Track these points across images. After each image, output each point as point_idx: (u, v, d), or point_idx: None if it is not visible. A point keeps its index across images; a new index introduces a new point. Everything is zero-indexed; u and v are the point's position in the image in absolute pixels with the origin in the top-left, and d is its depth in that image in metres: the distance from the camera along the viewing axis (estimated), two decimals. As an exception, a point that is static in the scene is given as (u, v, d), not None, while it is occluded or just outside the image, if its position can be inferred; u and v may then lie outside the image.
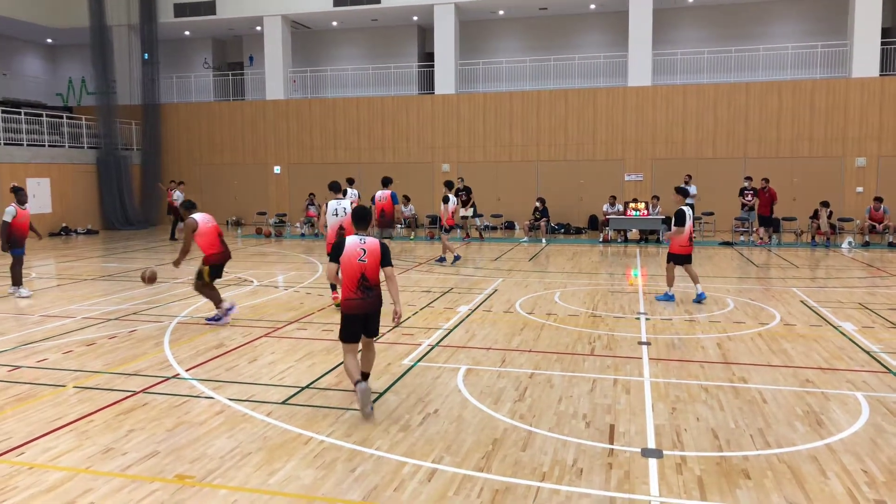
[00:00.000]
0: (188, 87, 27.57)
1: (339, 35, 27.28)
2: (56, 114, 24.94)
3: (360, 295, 5.77)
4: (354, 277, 5.74)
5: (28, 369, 7.06)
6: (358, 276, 5.75)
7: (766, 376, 6.73)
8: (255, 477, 4.57)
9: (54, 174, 22.60)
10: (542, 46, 25.19)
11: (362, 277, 5.76)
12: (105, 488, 4.41)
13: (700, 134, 22.08)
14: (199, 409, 5.84)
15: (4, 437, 5.24)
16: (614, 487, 4.40)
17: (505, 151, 23.58)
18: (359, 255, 5.75)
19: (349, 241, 5.82)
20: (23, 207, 11.37)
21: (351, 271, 5.75)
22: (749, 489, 4.38)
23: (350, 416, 5.64)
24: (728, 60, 22.93)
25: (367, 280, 5.77)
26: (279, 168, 25.52)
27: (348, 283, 5.76)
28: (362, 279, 5.76)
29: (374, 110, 24.57)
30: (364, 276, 5.76)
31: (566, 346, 7.92)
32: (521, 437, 5.23)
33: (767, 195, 17.96)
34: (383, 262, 5.83)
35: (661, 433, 5.28)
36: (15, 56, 28.57)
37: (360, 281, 5.75)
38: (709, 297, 10.81)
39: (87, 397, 6.17)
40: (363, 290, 5.77)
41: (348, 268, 5.75)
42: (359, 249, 5.77)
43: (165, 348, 7.86)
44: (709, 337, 8.34)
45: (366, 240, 5.83)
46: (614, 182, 22.50)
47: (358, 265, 5.74)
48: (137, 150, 26.08)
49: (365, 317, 5.82)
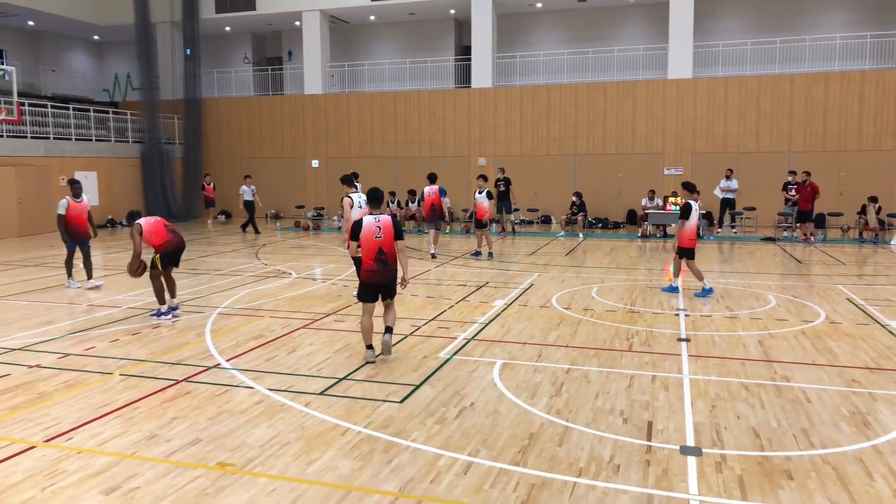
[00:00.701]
0: (228, 82, 28.02)
1: (377, 29, 27.39)
2: (103, 109, 25.61)
3: (377, 267, 6.78)
4: (373, 251, 6.74)
5: (77, 357, 7.29)
6: (376, 251, 6.75)
7: (809, 375, 6.57)
8: (294, 466, 4.64)
9: (101, 168, 23.23)
10: (580, 39, 24.92)
11: (379, 251, 6.76)
12: (150, 473, 4.53)
13: (742, 127, 21.61)
14: (239, 399, 5.96)
15: (54, 423, 5.42)
16: (652, 485, 4.35)
17: (542, 145, 23.41)
18: (375, 233, 6.76)
19: (366, 221, 6.82)
20: (77, 200, 11.27)
21: (369, 246, 6.74)
22: (792, 490, 4.29)
23: (387, 409, 5.69)
24: (772, 51, 22.36)
25: (383, 253, 6.77)
26: (317, 162, 25.79)
27: (367, 256, 6.75)
28: (379, 252, 6.76)
29: (411, 104, 24.63)
30: (381, 249, 6.77)
31: (603, 341, 7.85)
32: (558, 432, 5.20)
33: (809, 189, 17.42)
34: (397, 235, 6.82)
35: (701, 431, 5.20)
36: (64, 53, 29.41)
37: (377, 254, 6.75)
38: (750, 293, 10.60)
39: (133, 385, 6.35)
40: (380, 263, 6.77)
41: (367, 243, 6.76)
42: (374, 227, 6.78)
43: (207, 338, 8.03)
44: (750, 334, 8.17)
45: (379, 218, 6.85)
46: (653, 176, 22.18)
47: (375, 241, 6.75)
48: (180, 144, 26.65)
49: (380, 285, 6.85)
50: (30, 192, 20.53)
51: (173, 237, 9.14)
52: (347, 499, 4.18)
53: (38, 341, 7.94)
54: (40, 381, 6.47)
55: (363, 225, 6.83)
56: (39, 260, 15.05)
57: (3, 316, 9.35)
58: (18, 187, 20.13)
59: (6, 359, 7.22)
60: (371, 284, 6.85)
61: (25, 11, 24.49)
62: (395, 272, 6.89)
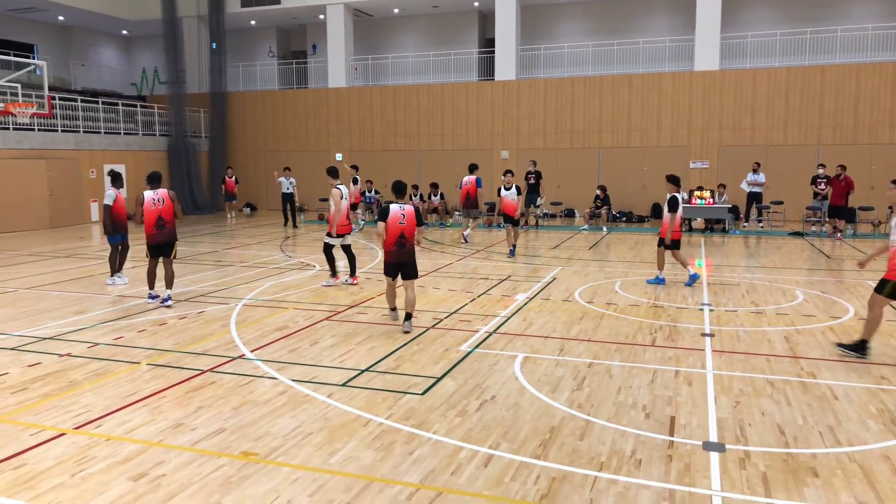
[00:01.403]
0: (253, 76, 28.24)
1: (401, 22, 27.39)
2: (131, 103, 25.97)
3: (396, 249, 7.79)
4: (395, 236, 7.73)
5: (105, 346, 7.43)
6: (398, 235, 7.73)
7: (837, 372, 6.47)
8: (317, 456, 4.69)
9: (129, 161, 23.58)
10: (605, 31, 24.67)
11: (401, 236, 7.75)
12: (176, 461, 4.61)
13: (770, 120, 21.25)
14: (263, 389, 6.03)
15: (84, 410, 5.55)
16: (674, 480, 4.33)
17: (566, 138, 23.26)
18: (399, 219, 7.74)
19: (392, 209, 7.76)
20: (121, 193, 11.10)
21: (393, 231, 7.71)
22: (817, 487, 4.24)
23: (408, 400, 5.72)
24: (802, 43, 21.93)
25: (404, 237, 7.77)
26: (340, 155, 25.91)
27: (390, 239, 7.73)
28: (401, 237, 7.75)
29: (434, 97, 24.62)
30: (403, 234, 7.75)
31: (626, 336, 7.80)
32: (579, 426, 5.19)
33: (843, 184, 17.01)
34: (418, 223, 7.88)
35: (724, 427, 5.15)
36: (93, 48, 29.87)
37: (398, 238, 7.75)
38: (776, 288, 10.45)
39: (159, 374, 6.46)
40: (399, 246, 7.79)
41: (392, 228, 7.72)
42: (399, 214, 7.75)
43: (232, 329, 8.13)
44: (776, 330, 8.06)
45: (404, 207, 7.81)
46: (679, 169, 21.82)
47: (399, 227, 7.73)
48: (205, 138, 26.94)
49: (399, 264, 7.86)
50: (60, 185, 20.92)
51: (157, 233, 9.57)
52: (369, 489, 4.22)
53: (69, 331, 8.11)
54: (71, 369, 6.62)
55: (390, 212, 7.72)
56: (70, 251, 15.35)
57: (35, 305, 9.56)
58: (49, 180, 20.52)
59: (38, 347, 7.39)
60: (391, 263, 7.87)
61: (56, 7, 24.92)
62: (413, 253, 7.89)
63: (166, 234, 9.64)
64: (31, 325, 8.38)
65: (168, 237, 9.67)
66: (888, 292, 6.70)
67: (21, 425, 5.23)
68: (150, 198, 9.65)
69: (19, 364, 6.80)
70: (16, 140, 19.78)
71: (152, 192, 9.73)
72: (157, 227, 9.57)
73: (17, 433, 5.08)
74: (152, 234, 9.59)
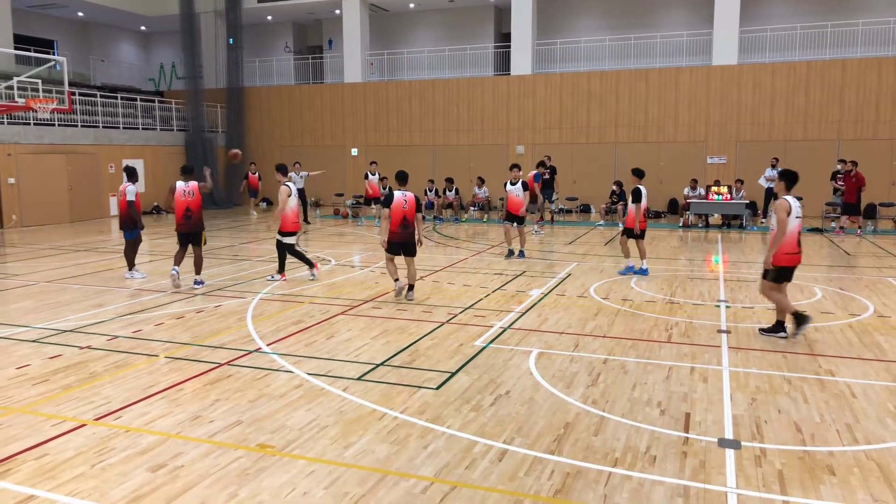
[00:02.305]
0: (270, 71, 28.37)
1: (416, 17, 27.37)
2: (149, 98, 26.21)
3: (400, 230, 9.08)
4: (399, 218, 9.05)
5: (124, 339, 7.53)
6: (401, 218, 9.05)
7: (856, 370, 6.41)
8: (332, 449, 4.73)
9: (147, 156, 23.81)
10: (622, 25, 24.49)
11: (404, 219, 9.07)
12: (193, 453, 4.67)
13: (790, 115, 21.00)
14: (279, 382, 6.09)
15: (104, 402, 5.63)
16: (689, 476, 4.32)
17: (582, 133, 23.15)
18: (402, 204, 9.06)
19: (397, 195, 9.06)
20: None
21: (397, 214, 9.03)
22: (833, 485, 4.21)
23: (423, 395, 5.75)
24: (822, 36, 21.64)
25: (406, 220, 9.07)
26: (356, 150, 25.98)
27: (395, 222, 9.02)
28: (404, 220, 9.07)
29: (450, 92, 24.59)
30: (405, 217, 9.07)
31: (642, 332, 7.77)
32: (594, 422, 5.19)
33: (854, 181, 16.77)
34: (417, 209, 9.12)
35: (740, 424, 5.13)
36: (112, 43, 30.17)
37: (402, 221, 9.06)
38: (794, 285, 10.35)
39: (177, 367, 6.54)
40: (402, 228, 9.08)
41: (396, 212, 9.02)
42: (402, 200, 9.07)
43: (248, 323, 8.21)
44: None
45: (406, 193, 9.12)
46: (696, 165, 21.75)
47: (402, 210, 9.04)
48: (222, 133, 27.11)
49: (402, 243, 9.15)
50: (80, 180, 21.19)
51: (184, 223, 10.26)
52: (383, 482, 4.25)
53: (89, 323, 8.23)
54: (91, 361, 6.71)
55: (395, 198, 9.02)
56: (90, 245, 15.54)
57: (56, 298, 9.70)
58: (69, 174, 20.78)
59: (60, 340, 7.51)
60: (395, 242, 9.13)
61: (75, 3, 25.19)
62: (413, 234, 9.16)
63: (192, 224, 10.27)
64: (52, 318, 8.51)
65: (193, 227, 10.31)
66: (772, 277, 7.42)
67: (42, 416, 5.32)
68: (181, 188, 10.23)
69: (41, 356, 6.91)
70: (37, 135, 20.04)
71: (184, 184, 10.26)
72: (185, 218, 10.24)
73: (39, 424, 5.17)
74: (180, 223, 10.30)
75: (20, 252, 14.56)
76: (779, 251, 7.28)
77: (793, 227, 7.27)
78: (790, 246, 7.31)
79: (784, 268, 7.38)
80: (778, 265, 7.34)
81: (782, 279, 7.43)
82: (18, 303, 9.51)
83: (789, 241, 7.29)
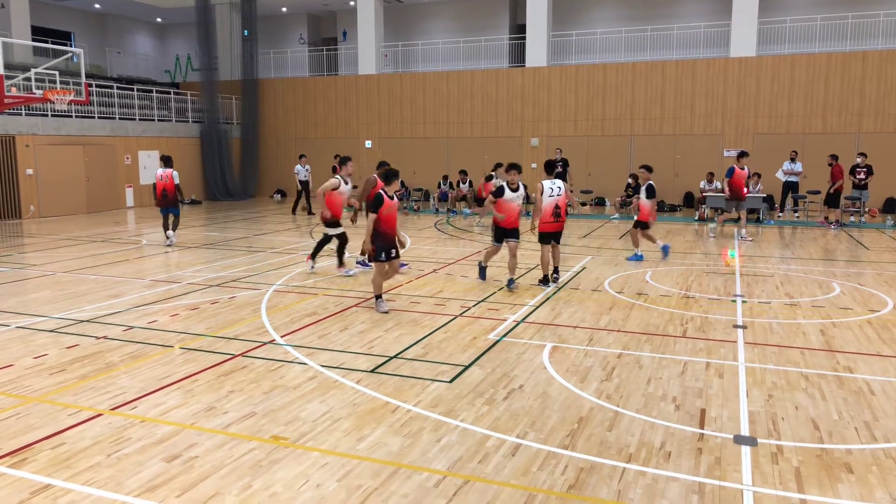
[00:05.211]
0: (284, 63, 28.40)
1: (431, 8, 27.26)
2: (164, 90, 26.33)
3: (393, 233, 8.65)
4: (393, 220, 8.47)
5: (140, 330, 7.59)
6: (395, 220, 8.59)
7: (874, 367, 6.33)
8: (345, 442, 4.74)
9: (163, 147, 23.93)
10: (638, 16, 24.25)
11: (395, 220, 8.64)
12: (208, 444, 4.70)
13: (808, 107, 20.72)
14: (293, 374, 6.10)
15: (120, 392, 5.67)
16: (704, 473, 4.28)
17: (597, 125, 22.99)
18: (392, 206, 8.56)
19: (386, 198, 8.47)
20: None
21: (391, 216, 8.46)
22: (851, 483, 4.15)
23: (436, 388, 5.75)
24: (843, 28, 21.30)
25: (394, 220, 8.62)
26: (370, 142, 25.96)
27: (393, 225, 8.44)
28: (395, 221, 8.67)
29: (464, 84, 24.49)
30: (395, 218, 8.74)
31: (657, 327, 7.72)
32: (608, 416, 5.16)
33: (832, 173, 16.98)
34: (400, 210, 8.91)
35: (756, 420, 5.07)
36: (128, 35, 30.33)
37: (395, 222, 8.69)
38: (812, 280, 10.23)
39: (192, 358, 6.58)
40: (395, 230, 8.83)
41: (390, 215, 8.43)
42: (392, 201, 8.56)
43: (262, 315, 8.24)
44: (811, 322, 7.90)
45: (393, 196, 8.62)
46: (712, 158, 21.54)
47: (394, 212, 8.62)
48: (237, 124, 27.21)
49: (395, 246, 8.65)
50: (97, 171, 21.36)
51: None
52: (396, 475, 4.25)
53: (105, 314, 8.30)
54: (107, 351, 6.77)
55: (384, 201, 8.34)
56: (107, 236, 15.67)
57: (73, 289, 9.79)
58: (86, 165, 20.95)
59: (77, 330, 7.58)
60: (391, 246, 8.46)
61: (92, -5, 25.31)
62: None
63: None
64: (70, 308, 8.59)
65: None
66: (539, 239, 9.83)
67: (59, 405, 5.38)
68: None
69: (58, 346, 6.98)
70: (54, 126, 20.21)
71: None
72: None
73: (56, 413, 5.23)
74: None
75: (38, 242, 14.71)
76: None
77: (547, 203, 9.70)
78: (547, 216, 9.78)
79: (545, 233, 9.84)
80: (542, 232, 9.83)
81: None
82: (36, 293, 9.61)
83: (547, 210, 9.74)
